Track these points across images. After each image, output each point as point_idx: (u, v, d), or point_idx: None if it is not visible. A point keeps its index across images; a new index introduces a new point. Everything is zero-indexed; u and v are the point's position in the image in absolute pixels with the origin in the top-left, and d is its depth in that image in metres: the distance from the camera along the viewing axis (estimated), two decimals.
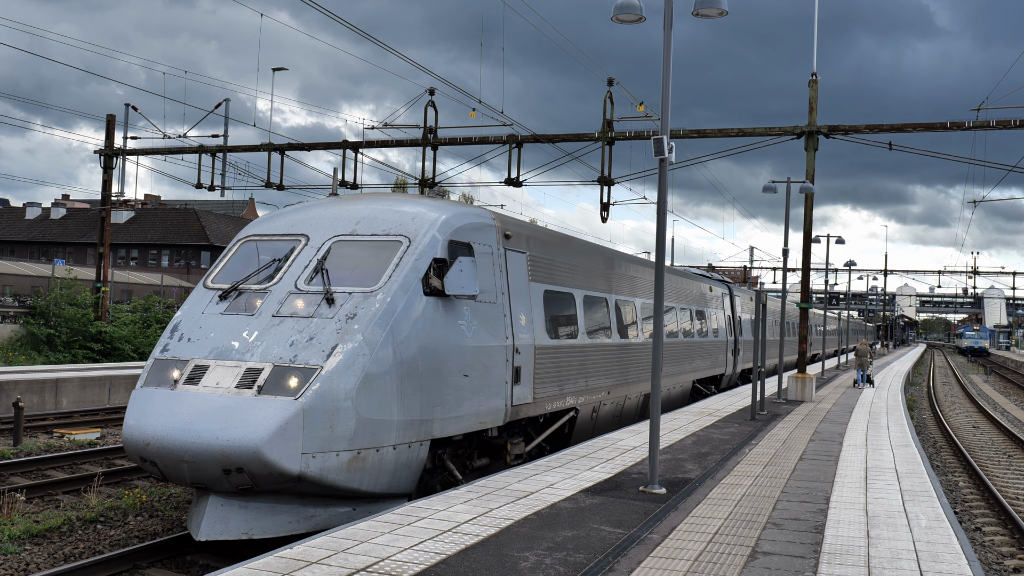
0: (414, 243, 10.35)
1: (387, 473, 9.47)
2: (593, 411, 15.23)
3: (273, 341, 9.41)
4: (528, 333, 12.21)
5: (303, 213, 11.33)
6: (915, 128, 23.96)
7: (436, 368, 10.01)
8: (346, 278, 10.00)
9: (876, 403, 23.11)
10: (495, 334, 11.22)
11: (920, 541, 7.94)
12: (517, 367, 11.79)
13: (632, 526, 8.06)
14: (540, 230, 14.11)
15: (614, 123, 27.61)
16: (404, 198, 11.72)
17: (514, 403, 11.70)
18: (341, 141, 30.34)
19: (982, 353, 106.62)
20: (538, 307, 12.83)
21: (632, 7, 10.57)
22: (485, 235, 11.54)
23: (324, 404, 8.82)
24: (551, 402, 13.09)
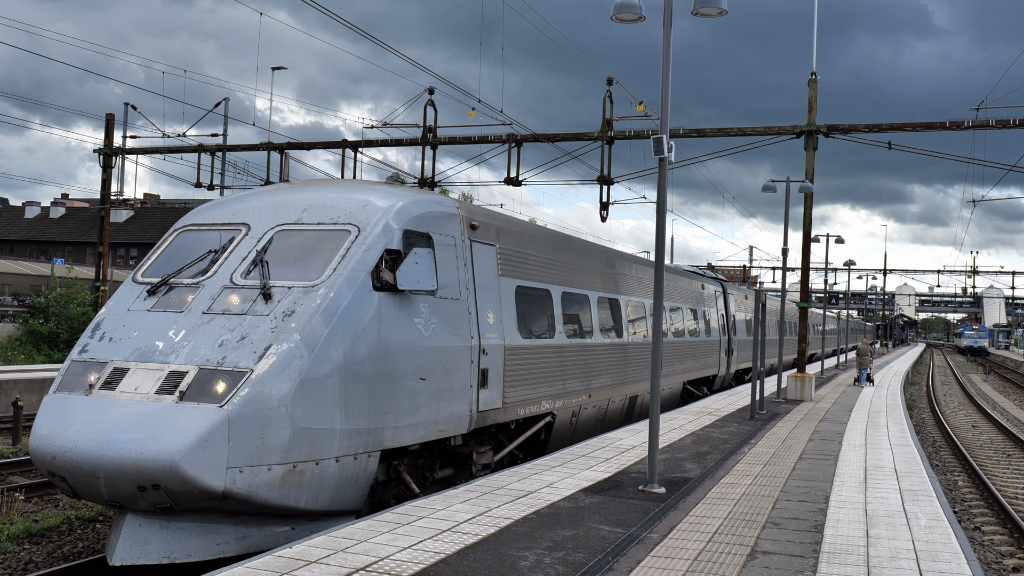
0: (364, 232, 9.48)
1: (329, 488, 8.66)
2: (572, 416, 14.43)
3: (201, 341, 8.52)
4: (497, 332, 11.42)
5: (247, 201, 10.37)
6: (914, 127, 23.97)
7: (387, 371, 9.19)
8: (288, 271, 9.15)
9: (875, 402, 23.12)
10: (458, 333, 10.43)
11: (919, 540, 7.94)
12: (484, 369, 10.98)
13: (631, 525, 8.05)
14: (512, 221, 13.05)
15: (613, 122, 27.60)
16: (357, 184, 10.78)
17: (480, 408, 10.90)
18: (340, 140, 30.34)
19: (981, 352, 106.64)
20: (509, 304, 11.98)
21: (632, 6, 10.56)
22: (447, 225, 10.64)
23: (253, 412, 7.96)
24: (524, 407, 12.29)
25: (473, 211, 11.57)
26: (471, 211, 11.48)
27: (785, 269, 24.07)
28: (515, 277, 12.35)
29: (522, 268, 12.66)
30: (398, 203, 10.01)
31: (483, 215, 11.83)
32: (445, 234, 10.56)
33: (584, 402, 14.79)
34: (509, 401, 11.75)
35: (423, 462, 10.55)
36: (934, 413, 31.31)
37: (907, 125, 24.03)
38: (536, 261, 13.23)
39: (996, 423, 29.21)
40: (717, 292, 27.13)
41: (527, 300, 12.71)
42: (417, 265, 9.53)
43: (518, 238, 12.70)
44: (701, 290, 24.73)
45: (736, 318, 29.33)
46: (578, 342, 14.53)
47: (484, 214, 11.94)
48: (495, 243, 11.83)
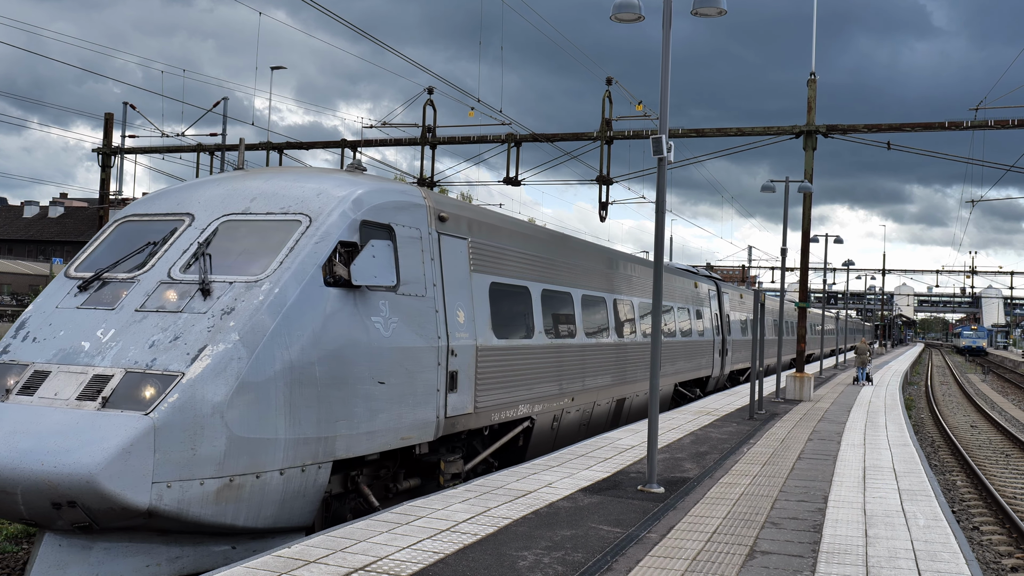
0: (315, 223, 8.80)
1: (273, 504, 7.93)
2: (554, 420, 13.66)
3: (131, 341, 7.81)
4: (468, 332, 10.70)
5: (194, 190, 9.64)
6: (913, 128, 23.98)
7: (340, 374, 8.46)
8: (231, 265, 8.49)
9: (874, 402, 23.13)
10: (423, 333, 9.71)
11: (918, 540, 7.94)
12: (453, 372, 10.25)
13: (630, 525, 8.06)
14: (486, 213, 12.23)
15: (613, 122, 27.61)
16: (313, 172, 10.02)
17: (449, 414, 10.19)
18: (339, 140, 30.34)
19: (980, 352, 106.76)
20: (482, 302, 11.25)
21: (631, 6, 10.57)
22: (411, 216, 9.92)
23: (183, 420, 7.25)
24: (499, 411, 11.57)
25: (442, 202, 10.83)
26: (439, 202, 10.74)
27: (784, 269, 24.08)
28: (489, 273, 11.63)
29: (497, 264, 11.92)
30: (355, 192, 9.30)
31: (453, 206, 11.12)
32: (409, 226, 9.83)
33: (566, 406, 14.08)
34: (482, 406, 11.04)
35: (385, 472, 9.93)
36: (933, 413, 31.33)
37: (906, 125, 24.04)
38: (513, 256, 12.50)
39: (995, 423, 29.23)
40: (711, 291, 26.36)
41: (503, 298, 11.98)
42: (375, 259, 8.89)
43: (493, 232, 11.96)
44: (694, 289, 24.00)
45: (731, 318, 28.63)
46: (560, 343, 13.79)
47: (454, 205, 11.26)
48: (467, 236, 11.12)
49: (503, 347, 11.66)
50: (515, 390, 12.04)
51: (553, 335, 13.56)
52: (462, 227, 11.05)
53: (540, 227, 14.45)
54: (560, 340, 13.80)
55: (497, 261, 11.94)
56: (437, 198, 10.73)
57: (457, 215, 10.99)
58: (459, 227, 10.98)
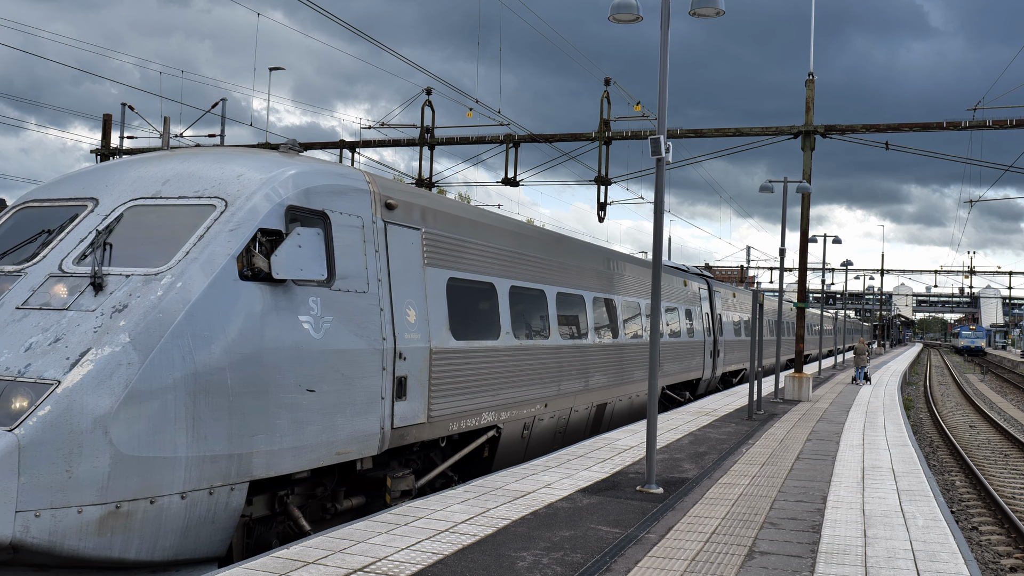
0: (232, 208, 7.81)
1: (173, 532, 6.93)
2: (524, 429, 12.69)
3: (6, 344, 6.86)
4: (420, 332, 9.74)
5: (104, 172, 8.64)
6: (911, 128, 24.00)
7: (258, 381, 7.47)
8: (132, 256, 7.50)
9: (873, 402, 23.14)
10: (364, 334, 8.72)
11: (917, 540, 7.94)
12: (401, 377, 9.29)
13: (629, 526, 8.05)
14: (443, 201, 11.16)
15: (611, 123, 27.62)
16: (237, 152, 8.92)
17: (397, 424, 9.24)
18: (338, 141, 30.35)
19: (978, 353, 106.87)
20: (439, 299, 10.28)
21: (629, 7, 10.57)
22: (352, 202, 8.94)
23: (56, 437, 6.26)
24: (458, 420, 10.61)
25: (390, 188, 9.84)
26: (387, 187, 9.74)
27: (783, 269, 24.10)
28: (447, 267, 10.61)
29: (457, 257, 10.90)
30: (282, 173, 8.33)
31: (404, 193, 10.09)
32: (348, 213, 8.84)
33: (539, 412, 13.07)
34: (437, 414, 10.06)
35: (323, 491, 8.99)
36: (931, 413, 31.35)
37: (904, 125, 24.06)
38: (476, 250, 11.44)
39: (993, 423, 29.25)
40: (701, 289, 25.35)
41: (463, 295, 10.99)
42: (301, 249, 7.91)
43: (451, 222, 10.91)
44: (683, 287, 23.03)
45: (723, 318, 27.57)
46: (531, 344, 12.74)
47: (405, 192, 10.18)
48: (420, 227, 10.09)
49: (463, 349, 10.70)
50: (478, 396, 11.06)
51: (523, 336, 12.60)
52: (414, 216, 10.05)
53: (508, 218, 13.21)
54: (531, 341, 12.79)
55: (457, 254, 10.91)
56: (384, 183, 9.74)
57: (408, 203, 9.99)
58: (410, 216, 9.97)
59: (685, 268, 27.01)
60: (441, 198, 11.32)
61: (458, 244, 10.98)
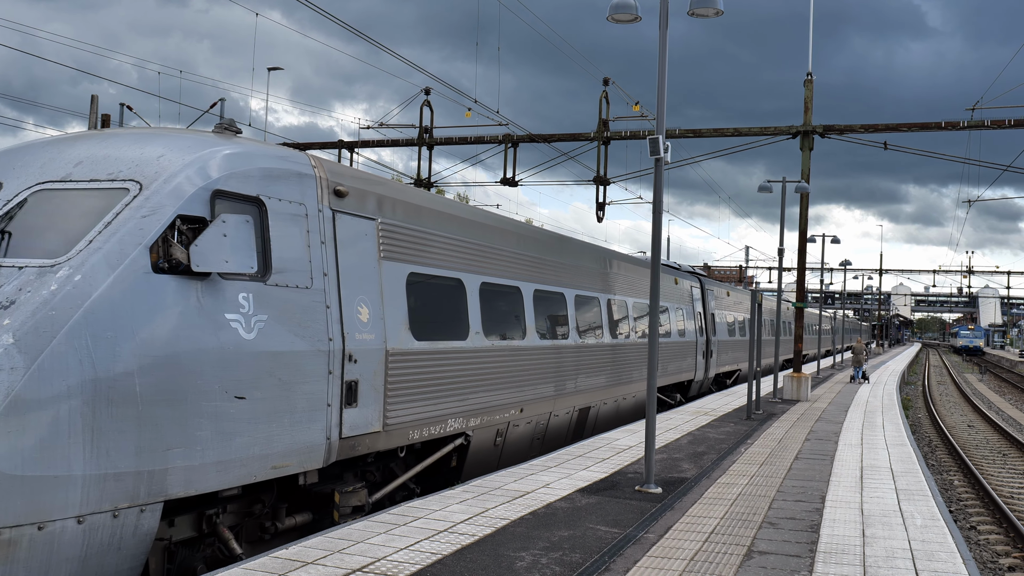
0: (146, 191, 6.97)
1: (68, 562, 6.11)
2: (497, 435, 11.92)
3: None
4: (374, 332, 8.94)
5: (13, 154, 7.84)
6: (910, 128, 24.02)
7: (174, 388, 6.65)
8: (32, 246, 6.73)
9: (872, 402, 23.15)
10: (306, 334, 7.90)
11: (915, 540, 7.95)
12: (351, 381, 8.49)
13: (628, 526, 8.06)
14: (404, 190, 10.25)
15: (610, 123, 27.64)
16: (162, 131, 8.03)
17: (346, 434, 8.42)
18: (337, 141, 30.36)
19: (977, 352, 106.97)
20: (396, 296, 9.45)
21: (628, 7, 10.57)
22: (293, 188, 8.11)
23: None
24: (419, 428, 9.79)
25: (340, 173, 8.99)
26: (336, 173, 8.90)
27: (781, 269, 24.11)
28: (407, 262, 9.80)
29: (419, 250, 10.09)
30: (210, 154, 7.50)
31: (356, 179, 9.22)
32: (288, 200, 8.01)
33: (514, 418, 12.24)
34: (394, 422, 9.25)
35: (261, 509, 8.17)
36: (930, 413, 31.37)
37: (903, 125, 24.08)
38: (441, 243, 10.60)
39: (992, 423, 29.27)
40: (693, 287, 24.51)
41: (426, 292, 10.21)
42: (227, 238, 7.07)
43: (412, 212, 10.07)
44: (673, 286, 22.16)
45: (716, 317, 26.74)
46: (504, 345, 11.91)
47: (358, 178, 9.30)
48: (375, 216, 9.29)
49: (425, 351, 9.89)
50: (442, 402, 10.25)
51: (496, 336, 11.77)
52: (368, 205, 9.23)
53: (478, 209, 12.30)
54: (505, 342, 11.97)
55: (419, 247, 10.09)
56: (334, 168, 8.91)
57: (362, 190, 9.15)
58: (364, 205, 9.16)
59: (677, 266, 26.42)
60: (400, 186, 10.41)
61: (420, 236, 10.15)
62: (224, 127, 8.43)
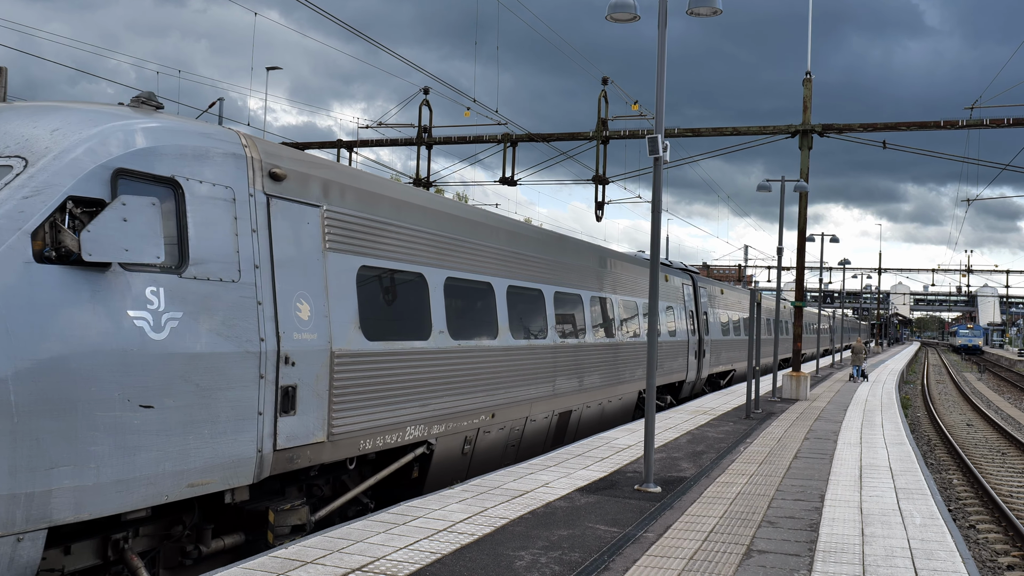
0: (31, 168, 6.16)
1: None
2: (466, 443, 11.08)
3: None
4: (318, 332, 8.11)
5: None
6: (909, 127, 24.02)
7: (62, 396, 5.82)
8: None
9: (871, 401, 23.16)
10: (231, 333, 7.03)
11: (915, 539, 7.95)
12: (288, 386, 7.64)
13: (627, 525, 8.06)
14: (355, 175, 9.31)
15: (608, 122, 27.64)
16: (65, 105, 7.03)
17: (282, 445, 7.55)
18: (335, 140, 30.36)
19: (976, 351, 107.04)
20: (345, 292, 8.65)
21: (627, 6, 10.57)
22: (218, 169, 7.22)
23: None
24: (372, 437, 8.97)
25: (277, 154, 8.06)
26: (273, 154, 8.00)
27: (780, 268, 24.12)
28: (358, 253, 8.96)
29: (372, 242, 9.25)
30: (115, 128, 6.64)
31: (298, 161, 8.32)
32: (212, 182, 7.14)
33: (484, 424, 11.41)
34: (342, 431, 8.44)
35: (181, 531, 7.37)
36: (929, 412, 31.39)
37: (902, 124, 24.08)
38: (399, 234, 9.76)
39: (991, 421, 29.29)
40: (685, 285, 23.68)
41: (381, 287, 9.40)
42: (127, 223, 6.18)
43: (365, 199, 9.22)
44: (663, 283, 21.30)
45: (709, 316, 26.01)
46: (473, 345, 11.10)
47: (300, 160, 8.40)
48: (320, 203, 8.45)
49: (379, 352, 9.09)
50: (400, 408, 9.45)
51: (463, 336, 10.94)
52: (312, 190, 8.38)
53: (443, 198, 11.29)
54: (473, 342, 11.14)
55: (372, 238, 9.26)
56: (269, 149, 8.01)
57: (303, 174, 8.30)
58: (306, 190, 8.31)
59: (668, 263, 25.51)
60: (351, 170, 9.40)
61: (374, 226, 9.30)
62: (142, 100, 7.50)
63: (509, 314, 12.31)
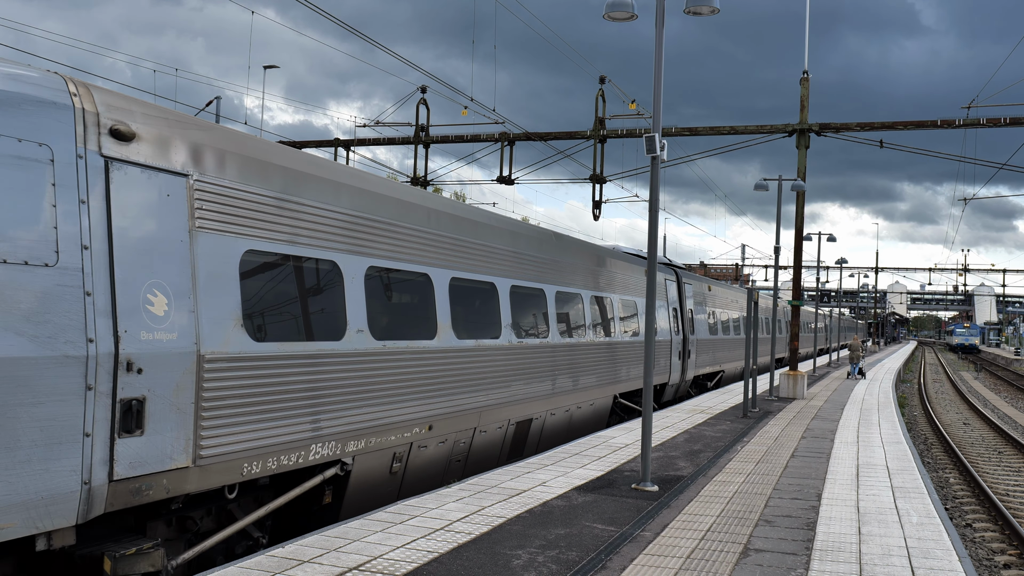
0: None
1: None
2: (395, 460, 9.58)
3: None
4: (178, 330, 6.65)
5: None
6: (906, 126, 24.03)
7: None
8: None
9: (867, 400, 23.19)
10: (41, 331, 5.62)
11: (911, 538, 7.96)
12: (131, 399, 6.18)
13: (624, 524, 8.06)
14: (238, 139, 7.72)
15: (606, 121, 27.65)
16: None
17: (121, 474, 6.11)
18: (333, 139, 30.33)
19: (972, 350, 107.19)
20: (221, 282, 7.15)
21: (624, 5, 10.56)
22: (30, 121, 5.80)
23: None
24: (262, 459, 7.48)
25: (123, 107, 6.54)
26: (117, 106, 6.47)
27: (777, 267, 24.13)
28: (242, 235, 7.44)
29: (263, 221, 7.71)
30: None
31: (154, 118, 6.78)
32: (14, 136, 5.73)
33: (420, 438, 9.94)
34: (215, 452, 6.96)
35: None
36: (926, 411, 31.42)
37: (899, 123, 24.09)
38: (300, 212, 8.20)
39: (987, 420, 29.32)
40: (668, 281, 22.12)
41: (275, 277, 7.89)
42: None
43: (254, 169, 7.66)
44: (642, 277, 19.77)
45: (695, 314, 24.59)
46: (404, 347, 9.62)
47: (158, 118, 6.85)
48: (188, 172, 6.92)
49: (270, 356, 7.63)
50: (301, 422, 7.97)
51: (390, 335, 9.48)
52: (175, 155, 6.86)
53: (363, 173, 9.69)
54: (405, 343, 9.65)
55: (263, 217, 7.74)
56: (112, 100, 6.46)
57: (163, 135, 6.79)
58: (167, 154, 6.79)
59: (642, 255, 23.34)
60: (234, 133, 7.77)
61: (266, 202, 7.78)
62: None
63: (452, 311, 10.80)
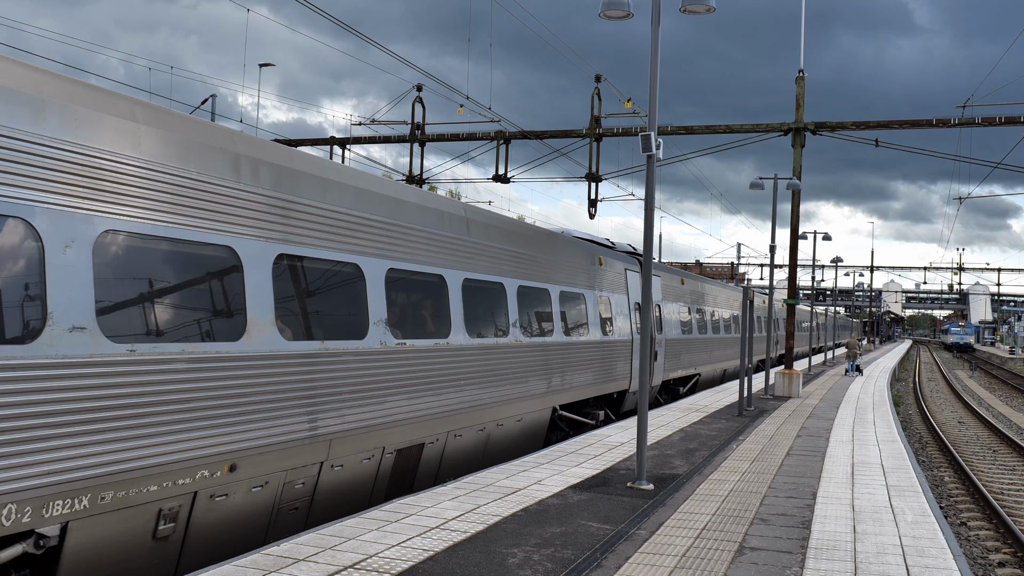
0: None
1: None
2: (162, 520, 6.69)
3: None
4: None
5: None
6: (901, 125, 24.06)
7: None
8: None
9: (863, 399, 23.23)
10: None
11: (906, 536, 7.97)
12: None
13: (620, 522, 8.06)
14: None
15: (601, 119, 27.64)
16: None
17: None
18: (328, 137, 30.30)
19: (967, 349, 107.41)
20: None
21: (620, 3, 10.55)
22: None
23: None
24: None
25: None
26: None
27: (772, 266, 24.15)
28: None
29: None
30: None
31: None
32: None
33: (210, 485, 7.06)
34: None
35: None
36: (921, 409, 31.48)
37: (894, 123, 24.12)
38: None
39: (982, 419, 29.38)
40: (629, 271, 18.94)
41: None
42: None
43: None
44: (595, 267, 16.62)
45: (665, 310, 21.60)
46: (175, 351, 6.67)
47: None
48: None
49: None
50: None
51: (147, 336, 6.47)
52: None
53: (251, 136, 7.89)
54: (177, 346, 6.70)
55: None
56: None
57: None
58: None
59: (611, 244, 20.18)
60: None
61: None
62: None
63: (276, 301, 7.84)
